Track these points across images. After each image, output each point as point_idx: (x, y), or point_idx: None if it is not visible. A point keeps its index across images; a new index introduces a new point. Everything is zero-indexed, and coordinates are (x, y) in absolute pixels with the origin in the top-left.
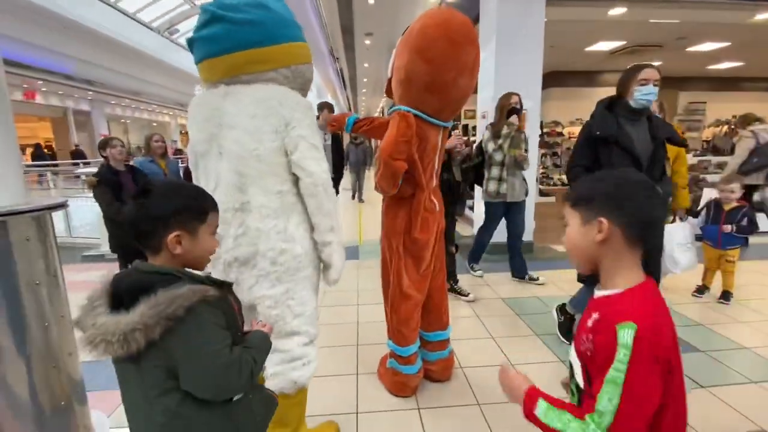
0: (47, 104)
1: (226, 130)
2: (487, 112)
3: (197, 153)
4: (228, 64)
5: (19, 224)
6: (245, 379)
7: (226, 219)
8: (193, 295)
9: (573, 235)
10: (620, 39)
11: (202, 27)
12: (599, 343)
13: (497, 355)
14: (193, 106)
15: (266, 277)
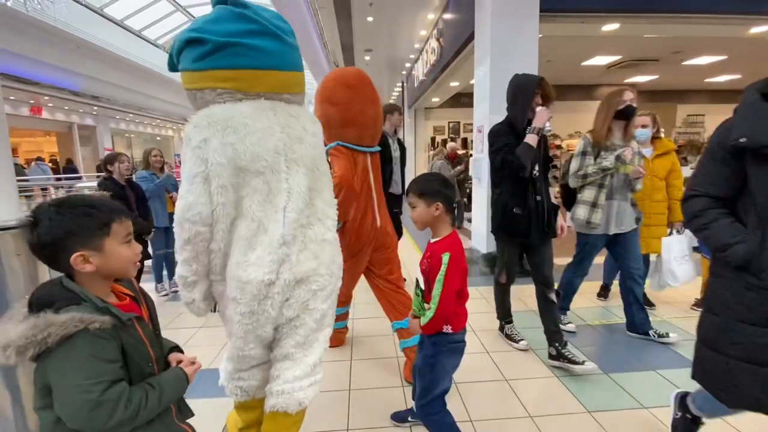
0: (53, 119)
1: (296, 142)
2: (483, 126)
3: (249, 170)
4: (281, 80)
5: (10, 239)
6: (118, 421)
7: (296, 236)
8: (71, 324)
9: (421, 212)
10: (616, 53)
11: (253, 35)
12: (433, 264)
13: (491, 370)
14: (238, 116)
15: (323, 290)
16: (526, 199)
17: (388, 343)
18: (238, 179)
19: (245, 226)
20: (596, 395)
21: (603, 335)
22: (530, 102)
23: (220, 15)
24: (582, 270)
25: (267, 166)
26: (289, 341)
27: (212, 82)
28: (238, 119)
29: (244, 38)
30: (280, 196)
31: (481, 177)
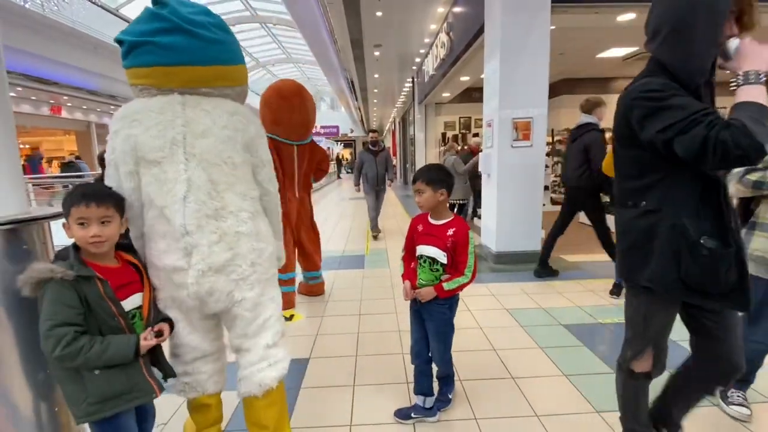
0: (72, 118)
1: (197, 138)
2: (493, 121)
3: (146, 159)
4: (193, 75)
5: (18, 232)
6: (59, 355)
7: (201, 226)
8: (44, 271)
9: (429, 197)
10: (633, 44)
11: (161, 33)
12: (459, 240)
13: (499, 368)
14: (144, 110)
15: (245, 279)
16: (722, 220)
17: (394, 339)
18: (139, 168)
19: (150, 215)
20: (606, 395)
21: (614, 334)
22: (720, 30)
23: (140, 16)
24: (764, 332)
25: (164, 157)
26: (234, 334)
27: (133, 79)
28: (144, 113)
29: (154, 37)
30: (179, 186)
31: (491, 173)
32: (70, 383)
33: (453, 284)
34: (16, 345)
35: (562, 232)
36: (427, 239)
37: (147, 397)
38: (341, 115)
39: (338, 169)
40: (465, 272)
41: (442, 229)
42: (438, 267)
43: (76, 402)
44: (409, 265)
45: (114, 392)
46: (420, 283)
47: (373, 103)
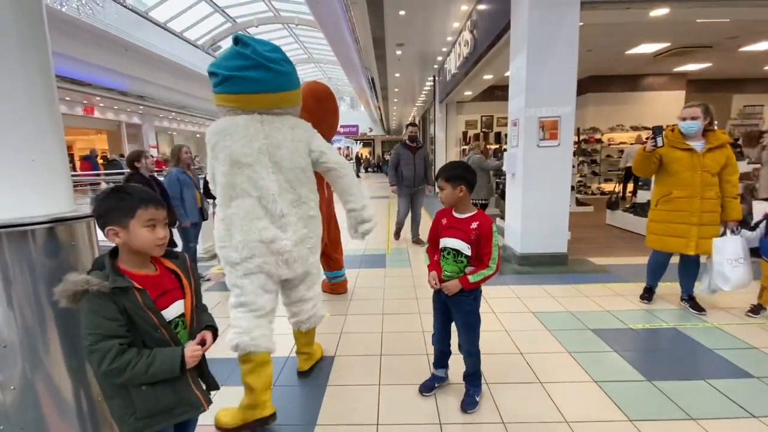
0: (104, 118)
1: (276, 149)
2: (518, 120)
3: (240, 162)
4: (269, 100)
5: (65, 230)
6: (106, 371)
7: (289, 211)
8: (78, 284)
9: (448, 194)
10: (665, 40)
11: (247, 69)
12: (484, 233)
13: (526, 372)
14: (233, 126)
15: (314, 248)
16: None
17: (418, 340)
18: (233, 168)
19: (247, 202)
20: (639, 403)
21: (646, 340)
22: None
23: (229, 54)
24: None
25: (254, 161)
26: (302, 288)
27: (222, 102)
28: (233, 128)
29: (242, 72)
30: (271, 184)
31: (516, 172)
32: (116, 398)
33: (478, 276)
34: (62, 339)
35: None
36: (451, 232)
37: (194, 412)
38: (361, 114)
39: (357, 167)
40: (489, 264)
41: (466, 222)
42: (462, 259)
43: (122, 418)
44: (434, 257)
45: (161, 407)
46: (445, 274)
47: (393, 102)
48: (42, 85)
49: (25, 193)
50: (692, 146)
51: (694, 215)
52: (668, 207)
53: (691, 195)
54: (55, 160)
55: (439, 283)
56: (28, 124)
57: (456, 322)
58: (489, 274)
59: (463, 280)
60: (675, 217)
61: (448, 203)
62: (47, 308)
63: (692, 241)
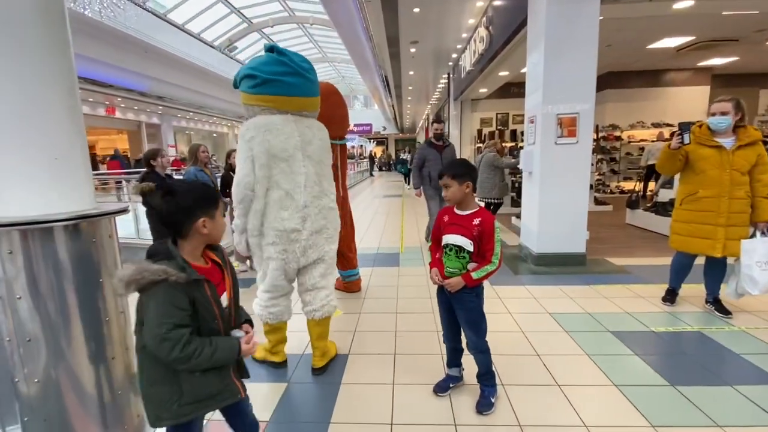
0: (125, 118)
1: (308, 145)
2: (536, 117)
3: (278, 157)
4: (301, 103)
5: (88, 227)
6: (176, 358)
7: (311, 203)
8: (159, 273)
9: (455, 191)
10: (688, 34)
11: (285, 75)
12: (486, 229)
13: (543, 374)
14: (272, 123)
15: (331, 238)
16: None
17: (433, 339)
18: (270, 162)
19: (276, 194)
20: (662, 409)
21: (668, 344)
22: None
23: (267, 60)
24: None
25: (290, 155)
26: (315, 274)
27: (259, 102)
28: (272, 125)
29: (282, 77)
30: (299, 177)
31: (533, 170)
32: (164, 384)
33: (481, 273)
34: (84, 333)
35: None
36: (454, 228)
37: (233, 398)
38: (374, 113)
39: (371, 166)
40: (492, 260)
41: (468, 218)
42: (464, 255)
43: (166, 404)
44: (436, 255)
45: (207, 393)
46: (447, 271)
47: (407, 100)
48: (64, 85)
49: (48, 191)
50: (721, 143)
51: (721, 216)
52: (694, 207)
53: (718, 194)
54: (77, 159)
55: (441, 279)
56: (51, 123)
57: (460, 320)
58: (492, 270)
59: (466, 277)
60: (701, 218)
61: (454, 200)
62: (70, 303)
63: (719, 242)
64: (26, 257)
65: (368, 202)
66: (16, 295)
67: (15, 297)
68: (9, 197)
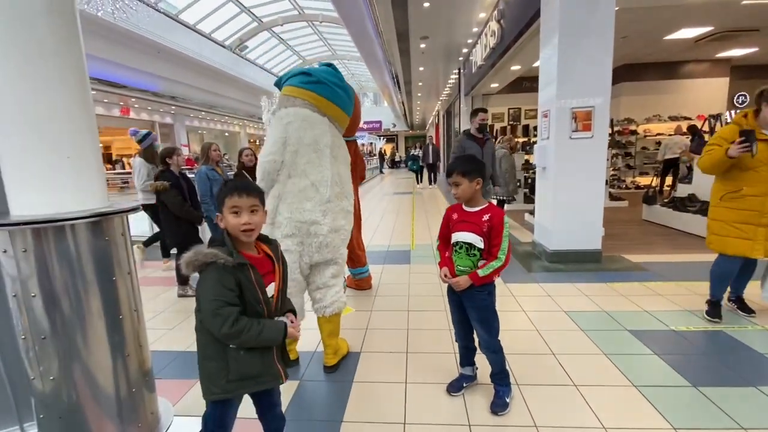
0: (138, 119)
1: (337, 148)
2: (549, 111)
3: (309, 147)
4: (337, 113)
5: (101, 225)
6: (226, 333)
7: (334, 201)
8: (209, 255)
9: (466, 188)
10: (707, 24)
11: (335, 85)
12: (495, 225)
13: (559, 374)
14: (312, 117)
15: (345, 240)
16: None
17: (445, 338)
18: (301, 149)
19: (302, 183)
20: (683, 411)
21: (689, 343)
22: None
23: (325, 70)
24: None
25: (320, 149)
26: (327, 274)
27: (306, 97)
28: (311, 118)
29: (331, 84)
30: (327, 171)
31: (547, 166)
32: (215, 360)
33: (488, 269)
34: (99, 330)
35: None
36: (464, 226)
37: (275, 382)
38: (384, 110)
39: (381, 163)
40: (499, 255)
41: (478, 215)
42: (475, 252)
43: (216, 378)
44: (445, 254)
45: (251, 373)
46: (458, 269)
47: (417, 97)
48: (76, 84)
49: (60, 189)
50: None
51: (765, 216)
52: (735, 205)
53: (765, 193)
54: (89, 157)
55: (450, 276)
56: (64, 122)
57: (471, 318)
58: (499, 266)
59: (473, 275)
60: (742, 217)
61: (465, 198)
62: (84, 301)
63: (759, 243)
64: (40, 256)
65: (378, 199)
66: (30, 293)
67: (30, 295)
68: (22, 196)
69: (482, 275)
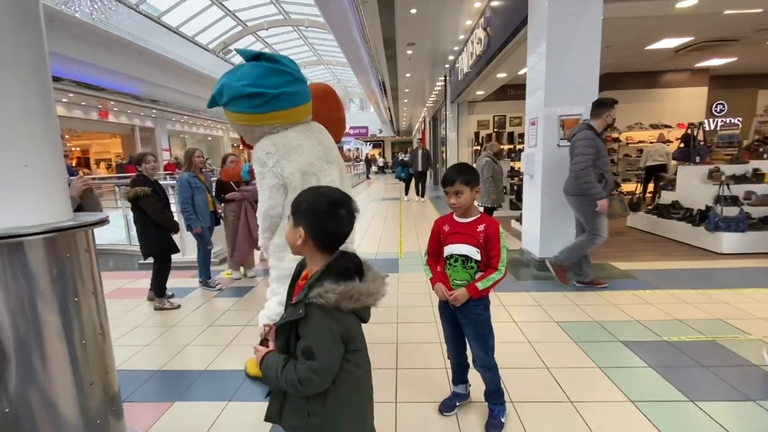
0: (118, 122)
1: (329, 150)
2: (537, 119)
3: (308, 172)
4: (307, 110)
5: (61, 240)
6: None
7: None
8: None
9: (468, 197)
10: (688, 34)
11: (290, 84)
12: (492, 235)
13: (554, 389)
14: (292, 141)
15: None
16: None
17: (436, 351)
18: (302, 180)
19: None
20: (683, 427)
21: (683, 354)
22: None
23: (264, 71)
24: None
25: (318, 168)
26: None
27: (272, 120)
28: (293, 142)
29: (286, 87)
30: (325, 180)
31: (534, 174)
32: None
33: (488, 282)
34: (59, 357)
35: None
36: (458, 238)
37: None
38: (370, 116)
39: (367, 169)
40: (499, 267)
41: (472, 226)
42: (472, 264)
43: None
44: (436, 268)
45: None
46: (454, 283)
47: (404, 103)
48: (36, 86)
49: (17, 201)
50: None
51: None
52: None
53: None
54: (50, 166)
55: (449, 293)
56: (20, 127)
57: (466, 334)
58: (498, 278)
59: (471, 288)
60: None
61: (465, 208)
62: (43, 324)
63: None
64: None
65: (365, 205)
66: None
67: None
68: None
69: (482, 288)
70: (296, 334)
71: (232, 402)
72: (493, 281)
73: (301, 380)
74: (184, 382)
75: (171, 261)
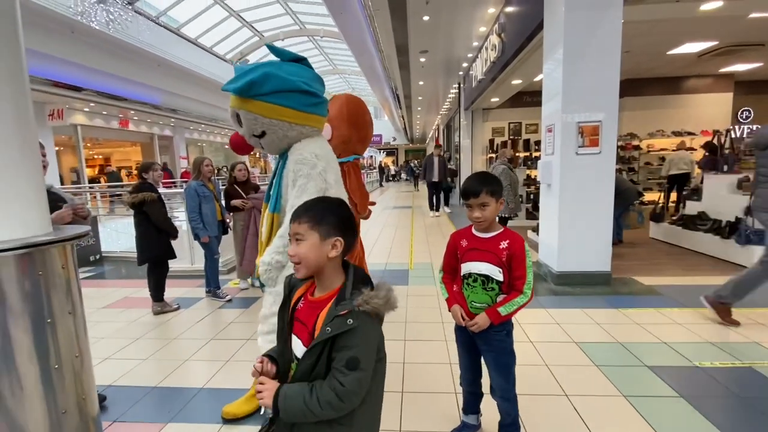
0: (138, 131)
1: (335, 161)
2: (554, 126)
3: (339, 180)
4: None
5: (33, 257)
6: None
7: None
8: None
9: (493, 210)
10: (711, 39)
11: (323, 93)
12: (516, 252)
13: (574, 420)
14: (328, 148)
15: None
16: None
17: (445, 374)
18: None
19: None
20: None
21: (717, 382)
22: None
23: (312, 75)
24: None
25: (339, 179)
26: None
27: (313, 123)
28: (331, 153)
29: (323, 95)
30: (342, 191)
31: (552, 182)
32: None
33: (512, 306)
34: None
35: None
36: (477, 255)
37: None
38: (384, 124)
39: (381, 176)
40: (524, 290)
41: (494, 241)
42: (494, 285)
43: None
44: (452, 288)
45: None
46: (473, 306)
47: (417, 111)
48: (10, 88)
49: None
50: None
51: None
52: None
53: None
54: (25, 176)
55: (468, 319)
56: None
57: (487, 362)
58: (524, 302)
59: (492, 313)
60: None
61: (490, 221)
62: (13, 348)
63: None
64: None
65: (376, 213)
66: None
67: None
68: None
69: (504, 314)
70: (329, 350)
71: (225, 427)
72: (518, 306)
73: (343, 395)
74: (179, 401)
75: (168, 266)
